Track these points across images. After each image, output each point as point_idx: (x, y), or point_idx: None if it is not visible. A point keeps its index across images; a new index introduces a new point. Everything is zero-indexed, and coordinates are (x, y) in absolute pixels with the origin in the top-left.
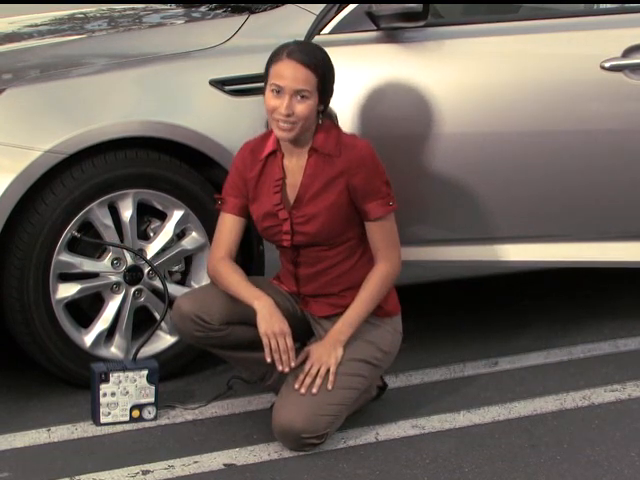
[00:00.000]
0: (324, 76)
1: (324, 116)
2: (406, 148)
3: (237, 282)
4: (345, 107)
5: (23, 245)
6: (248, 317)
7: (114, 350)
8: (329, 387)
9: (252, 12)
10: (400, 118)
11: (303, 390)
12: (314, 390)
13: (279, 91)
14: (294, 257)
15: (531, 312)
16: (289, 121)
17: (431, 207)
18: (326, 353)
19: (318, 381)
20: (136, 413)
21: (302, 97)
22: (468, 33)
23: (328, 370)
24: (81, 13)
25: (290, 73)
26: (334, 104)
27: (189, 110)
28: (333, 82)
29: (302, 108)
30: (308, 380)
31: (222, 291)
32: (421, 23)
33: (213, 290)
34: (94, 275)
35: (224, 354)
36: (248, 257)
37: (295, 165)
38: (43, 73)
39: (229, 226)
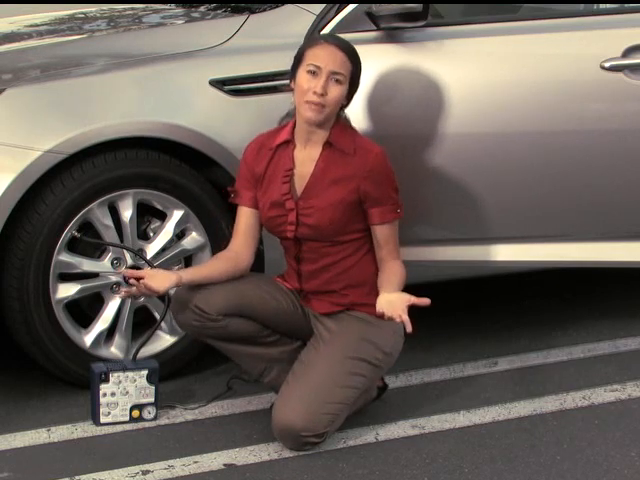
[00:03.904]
0: (357, 67)
1: (343, 114)
2: (406, 148)
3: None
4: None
5: (23, 245)
6: (247, 310)
7: (114, 350)
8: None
9: (252, 12)
10: (400, 118)
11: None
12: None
13: (315, 72)
14: (297, 252)
15: (531, 312)
16: (320, 102)
17: (431, 207)
18: (393, 300)
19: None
20: (136, 413)
21: (337, 81)
22: (468, 33)
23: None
24: (81, 13)
25: (329, 55)
26: None
27: (189, 110)
28: (360, 79)
29: (335, 91)
30: (407, 318)
31: (222, 282)
32: (421, 23)
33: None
34: (94, 275)
35: (222, 346)
36: None
37: (307, 156)
38: (43, 73)
39: (245, 219)
